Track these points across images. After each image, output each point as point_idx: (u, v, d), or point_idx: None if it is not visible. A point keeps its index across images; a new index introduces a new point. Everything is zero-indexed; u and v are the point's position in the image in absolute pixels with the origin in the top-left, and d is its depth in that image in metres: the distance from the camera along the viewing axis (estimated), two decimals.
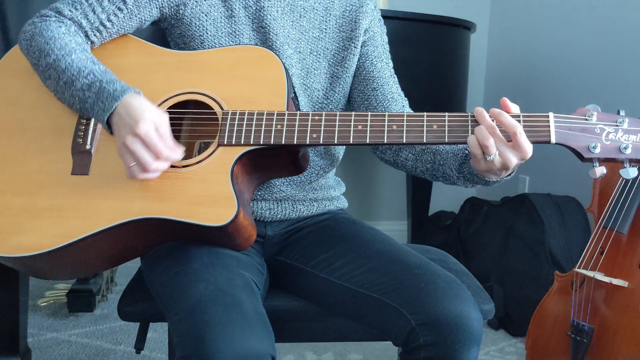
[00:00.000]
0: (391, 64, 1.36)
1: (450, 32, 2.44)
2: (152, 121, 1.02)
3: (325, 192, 1.33)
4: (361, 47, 1.31)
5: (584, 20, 2.58)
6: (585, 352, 1.65)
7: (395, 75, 1.36)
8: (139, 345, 1.23)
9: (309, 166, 1.25)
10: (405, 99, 1.35)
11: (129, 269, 2.69)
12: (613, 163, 1.06)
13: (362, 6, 1.31)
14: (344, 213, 1.36)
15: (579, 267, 1.71)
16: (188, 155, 1.11)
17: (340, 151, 1.35)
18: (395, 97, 1.32)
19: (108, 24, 1.18)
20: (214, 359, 0.89)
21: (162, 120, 1.04)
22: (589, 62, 2.55)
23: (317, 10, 1.28)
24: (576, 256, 1.96)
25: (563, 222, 2.29)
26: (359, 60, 1.32)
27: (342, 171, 3.02)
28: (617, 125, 1.04)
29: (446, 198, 3.20)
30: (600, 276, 1.64)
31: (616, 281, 1.61)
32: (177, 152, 1.05)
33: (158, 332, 2.14)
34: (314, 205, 1.30)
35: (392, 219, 3.30)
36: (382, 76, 1.32)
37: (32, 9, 1.56)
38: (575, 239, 2.26)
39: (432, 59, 2.41)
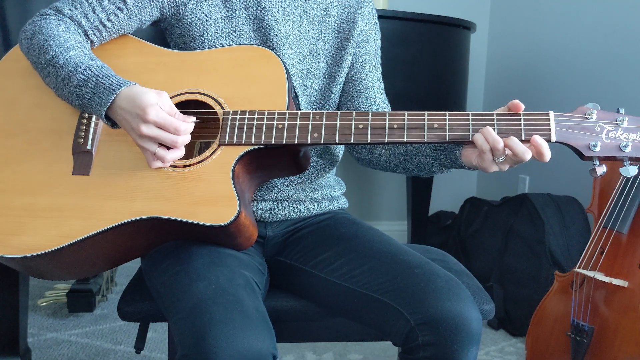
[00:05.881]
0: (380, 70, 1.37)
1: (450, 32, 2.44)
2: (155, 103, 1.03)
3: (326, 192, 1.33)
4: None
5: (583, 20, 2.58)
6: (585, 352, 1.65)
7: (382, 82, 1.37)
8: (139, 345, 1.23)
9: (309, 166, 1.25)
10: (389, 105, 1.35)
11: (129, 269, 2.69)
12: (613, 162, 1.06)
13: (360, 7, 1.32)
14: (344, 213, 1.36)
15: (579, 267, 1.71)
16: (188, 155, 1.11)
17: (339, 150, 1.35)
18: (377, 102, 1.33)
19: (108, 24, 1.18)
20: (215, 357, 0.90)
21: (163, 97, 1.05)
22: (588, 62, 2.55)
23: (316, 11, 1.28)
24: (576, 256, 1.96)
25: (563, 222, 2.28)
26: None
27: (342, 171, 3.01)
28: (616, 124, 1.04)
29: (446, 198, 3.20)
30: (600, 276, 1.64)
31: (616, 281, 1.61)
32: (190, 121, 1.07)
33: (158, 332, 2.14)
34: (314, 206, 1.30)
35: (392, 219, 3.30)
36: (368, 79, 1.33)
37: (32, 9, 1.56)
38: (575, 239, 2.25)
39: (432, 59, 2.40)
